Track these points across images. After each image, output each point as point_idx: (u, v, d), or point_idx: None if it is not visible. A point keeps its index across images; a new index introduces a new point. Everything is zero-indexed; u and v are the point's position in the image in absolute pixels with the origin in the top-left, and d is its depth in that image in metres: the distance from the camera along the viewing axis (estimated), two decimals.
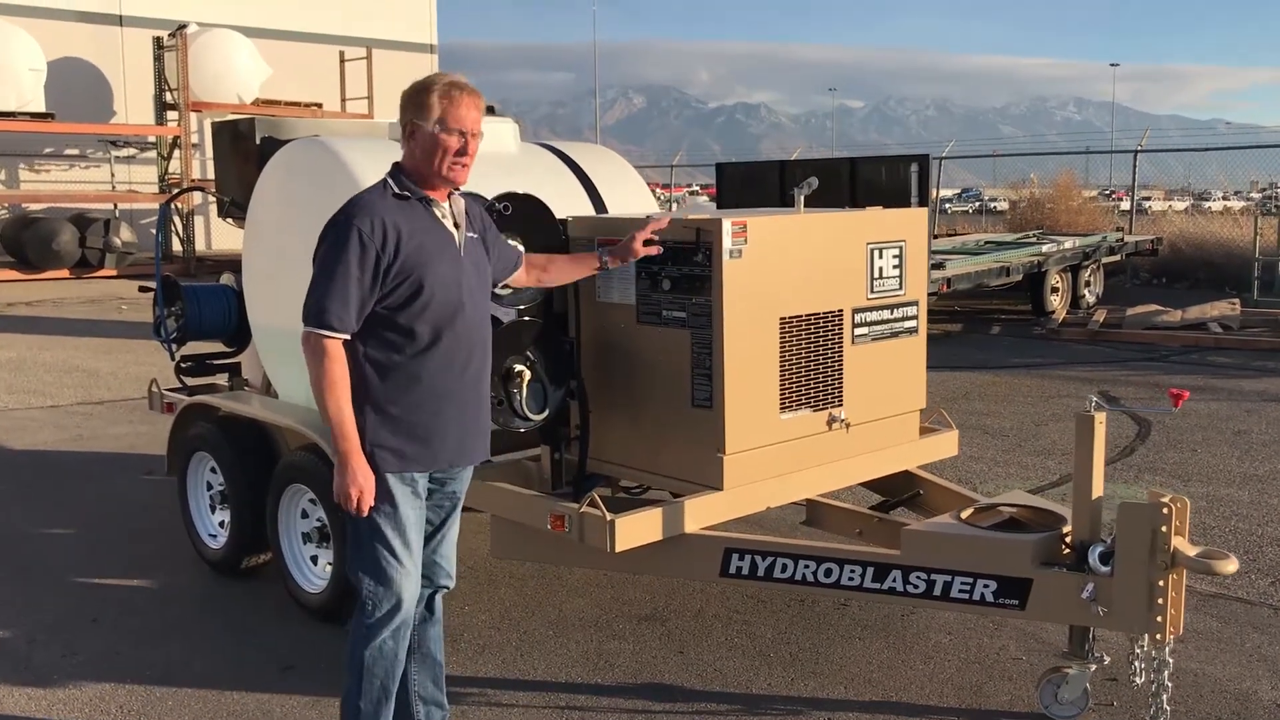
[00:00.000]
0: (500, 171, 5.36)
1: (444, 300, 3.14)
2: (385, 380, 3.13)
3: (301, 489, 4.81)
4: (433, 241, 3.16)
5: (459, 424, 3.23)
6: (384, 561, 3.19)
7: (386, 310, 3.11)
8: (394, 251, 3.06)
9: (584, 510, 3.84)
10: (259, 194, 5.49)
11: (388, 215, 3.10)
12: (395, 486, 3.17)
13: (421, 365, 3.14)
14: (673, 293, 4.09)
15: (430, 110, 3.12)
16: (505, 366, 4.05)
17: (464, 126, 3.14)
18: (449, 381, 3.19)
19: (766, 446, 4.13)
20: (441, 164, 3.15)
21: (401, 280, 3.07)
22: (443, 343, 3.15)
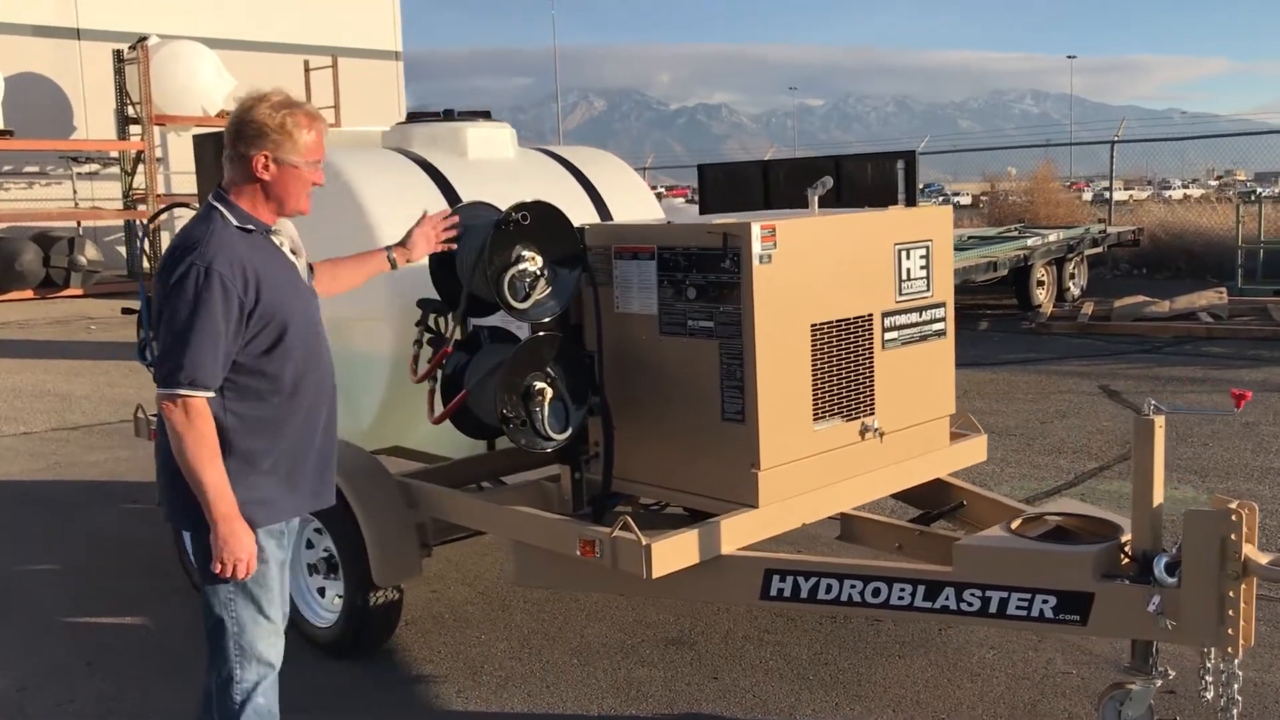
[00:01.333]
0: (500, 178, 5.16)
1: (303, 338, 2.98)
2: (251, 431, 2.91)
3: (307, 519, 4.57)
4: (284, 276, 2.97)
5: (320, 462, 3.10)
6: (251, 623, 2.99)
7: (249, 358, 2.89)
8: (255, 295, 2.85)
9: (616, 534, 3.63)
10: None
11: (242, 253, 2.86)
12: (265, 540, 2.97)
13: (289, 409, 2.97)
14: (699, 302, 3.89)
15: (289, 138, 2.92)
16: (525, 384, 3.84)
17: (320, 155, 3.03)
18: (313, 421, 3.04)
19: (801, 460, 3.94)
20: (300, 197, 3.00)
21: (264, 325, 2.87)
22: (306, 386, 2.99)
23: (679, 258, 3.94)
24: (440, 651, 4.54)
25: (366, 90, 25.32)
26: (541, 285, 3.83)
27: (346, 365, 4.87)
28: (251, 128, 2.89)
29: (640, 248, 4.06)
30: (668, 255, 3.97)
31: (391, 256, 3.70)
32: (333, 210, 4.74)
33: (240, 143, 2.91)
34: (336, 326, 4.87)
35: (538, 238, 3.84)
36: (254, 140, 2.89)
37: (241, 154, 2.91)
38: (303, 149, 2.93)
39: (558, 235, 3.88)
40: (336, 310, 4.85)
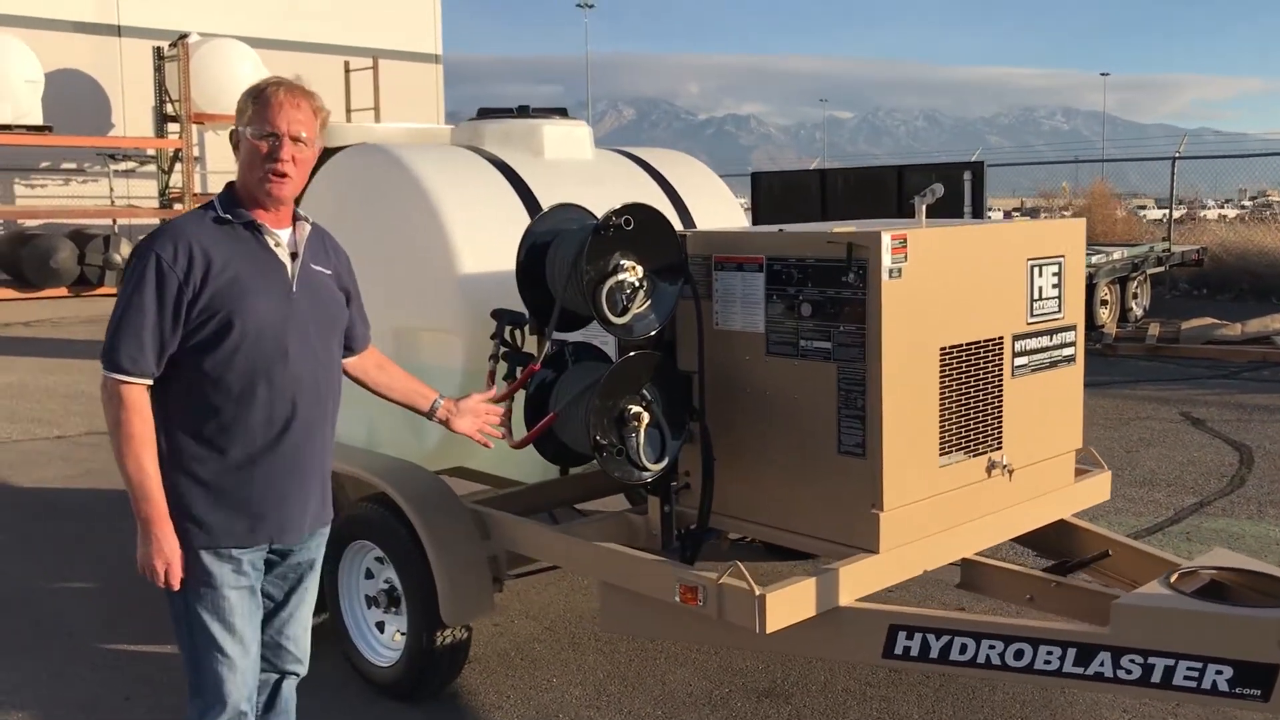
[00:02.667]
0: (578, 180, 4.77)
1: (260, 344, 2.69)
2: (192, 437, 2.69)
3: (366, 546, 4.18)
4: (253, 272, 2.70)
5: (278, 493, 2.77)
6: (202, 652, 2.74)
7: (191, 353, 2.66)
8: (199, 282, 2.62)
9: (725, 581, 3.21)
10: (306, 207, 4.87)
11: (198, 240, 2.66)
12: (211, 564, 2.71)
13: (234, 421, 2.69)
14: (814, 319, 3.48)
15: (243, 113, 2.70)
16: (620, 408, 3.43)
17: (276, 127, 2.66)
18: (266, 442, 2.72)
19: (925, 500, 3.52)
20: (253, 175, 2.70)
21: (208, 317, 2.64)
22: (258, 395, 2.70)
23: (792, 270, 3.53)
24: (509, 696, 4.13)
25: (406, 92, 25.07)
26: (640, 298, 3.43)
27: None
28: (237, 105, 2.74)
29: (746, 258, 3.66)
30: (779, 267, 3.56)
31: (437, 406, 3.32)
32: (403, 210, 4.37)
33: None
34: (401, 337, 4.51)
35: (638, 245, 3.43)
36: (236, 118, 2.74)
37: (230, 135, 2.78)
38: (248, 116, 2.67)
39: (660, 243, 3.48)
40: (402, 320, 4.48)
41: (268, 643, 2.93)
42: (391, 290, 4.44)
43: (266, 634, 2.92)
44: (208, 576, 2.70)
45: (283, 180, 2.69)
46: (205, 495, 2.68)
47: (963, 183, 11.19)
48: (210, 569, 2.70)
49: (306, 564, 2.96)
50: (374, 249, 4.50)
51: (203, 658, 2.74)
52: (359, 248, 4.59)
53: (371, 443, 4.64)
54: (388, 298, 4.45)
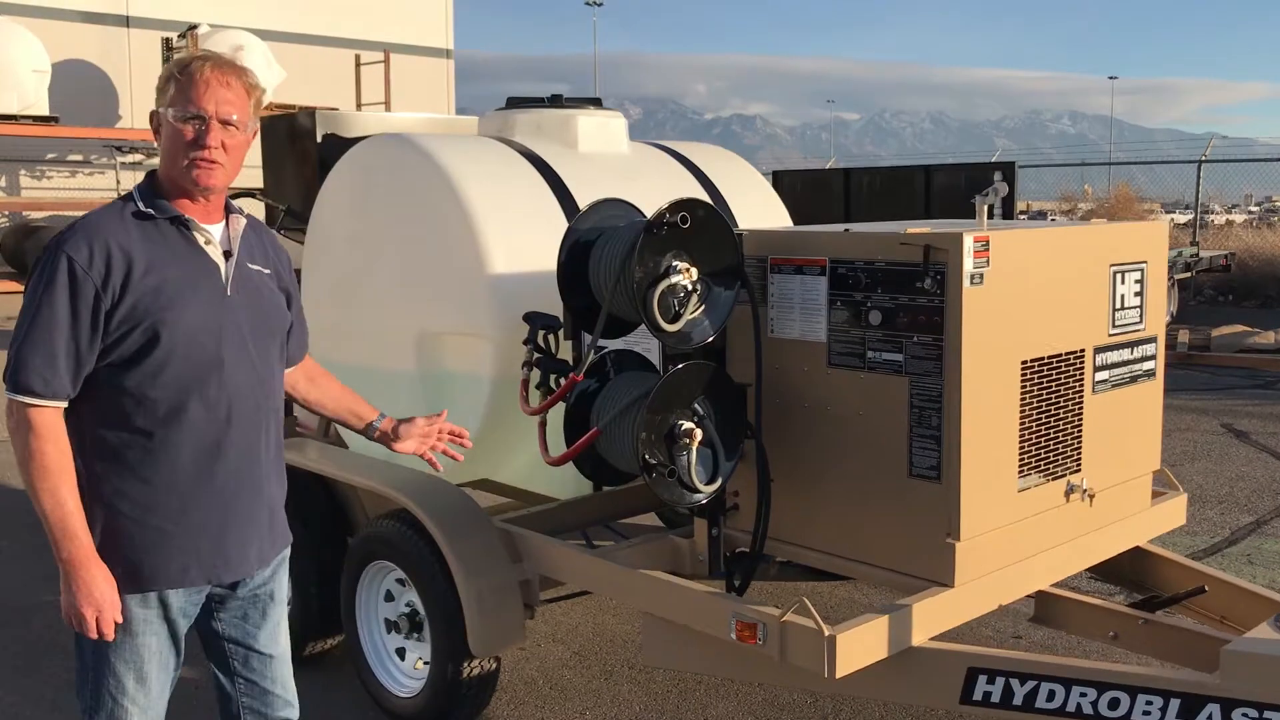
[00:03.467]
0: (614, 175, 4.47)
1: (191, 356, 2.36)
2: (114, 466, 2.35)
3: (386, 567, 3.88)
4: (181, 275, 2.36)
5: (216, 526, 2.43)
6: (108, 702, 2.43)
7: (112, 369, 2.32)
8: (120, 288, 2.29)
9: (789, 619, 2.90)
10: (324, 201, 4.58)
11: (116, 239, 2.31)
12: (134, 609, 2.39)
13: (162, 445, 2.35)
14: (884, 328, 3.17)
15: (163, 92, 2.37)
16: (669, 424, 3.12)
17: (203, 108, 2.32)
18: (200, 467, 2.39)
19: (1002, 528, 3.21)
20: (177, 163, 2.35)
21: (130, 328, 2.30)
22: (190, 415, 2.36)
23: (859, 274, 3.23)
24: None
25: (417, 87, 24.74)
26: (694, 302, 3.13)
27: (436, 387, 4.19)
28: (158, 85, 2.40)
29: (807, 260, 3.35)
30: (844, 270, 3.26)
31: (375, 426, 2.95)
32: (428, 205, 4.06)
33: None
34: (424, 343, 4.20)
35: (692, 245, 3.13)
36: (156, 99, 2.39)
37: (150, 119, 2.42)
38: (170, 96, 2.34)
39: (716, 243, 3.17)
40: (426, 324, 4.17)
41: (251, 691, 2.65)
42: (414, 292, 4.13)
43: (246, 681, 2.64)
44: (128, 623, 2.38)
45: (211, 168, 2.35)
46: (129, 532, 2.35)
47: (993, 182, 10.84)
48: (132, 614, 2.38)
49: (266, 596, 2.62)
50: (396, 247, 4.20)
51: (108, 708, 2.44)
52: (380, 246, 4.31)
53: (392, 456, 4.32)
54: (410, 300, 4.16)
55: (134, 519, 2.35)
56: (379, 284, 4.28)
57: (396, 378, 4.24)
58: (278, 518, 2.60)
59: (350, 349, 4.46)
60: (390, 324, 4.23)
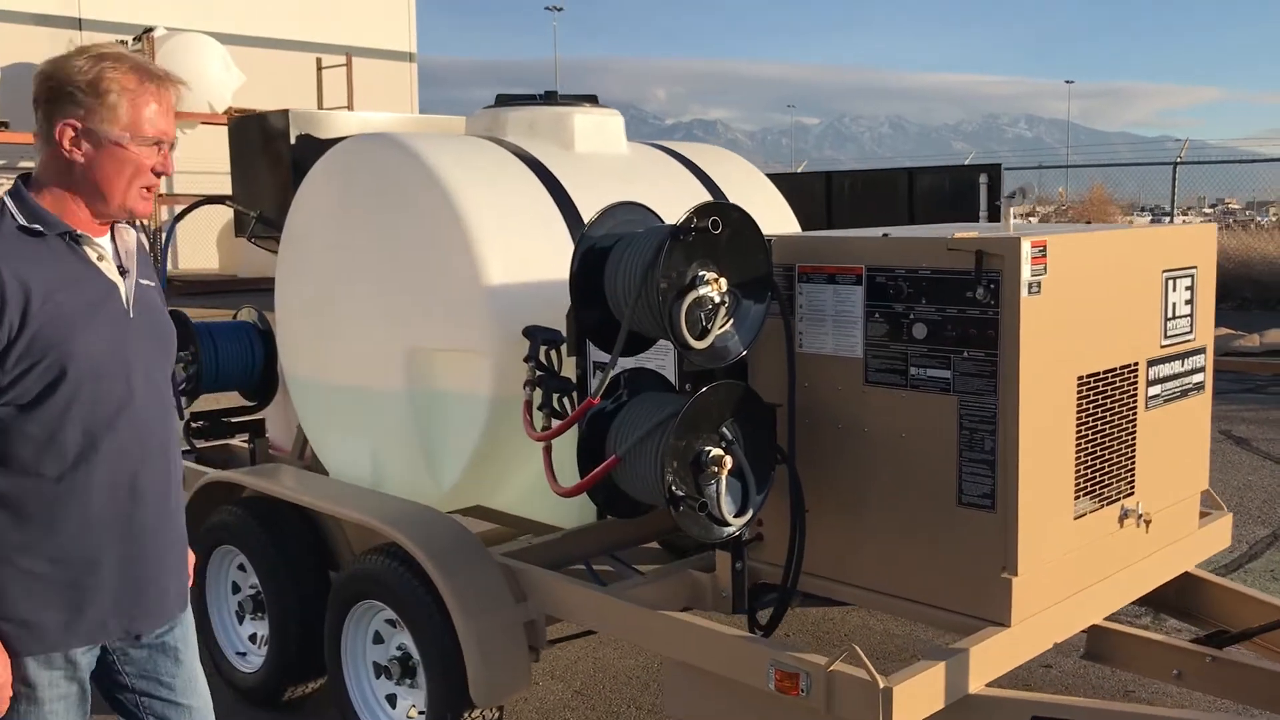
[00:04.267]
0: (613, 177, 4.17)
1: (100, 390, 2.14)
2: (14, 517, 2.11)
3: (375, 607, 3.54)
4: (80, 299, 2.13)
5: (134, 575, 2.22)
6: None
7: (10, 410, 2.08)
8: (18, 321, 2.04)
9: (837, 669, 2.60)
10: (300, 207, 4.24)
11: (10, 263, 2.06)
12: (36, 672, 2.15)
13: (70, 491, 2.13)
14: (930, 343, 2.89)
15: (114, 108, 2.12)
16: (695, 450, 2.82)
17: (165, 133, 2.19)
18: (117, 512, 2.18)
19: (1058, 559, 2.94)
20: (129, 190, 2.17)
21: (32, 364, 2.07)
22: (101, 453, 2.15)
23: (900, 283, 2.94)
24: None
25: (380, 91, 24.35)
26: (721, 316, 2.83)
27: (427, 408, 3.87)
28: (52, 85, 2.12)
29: (840, 268, 3.06)
30: (883, 279, 2.97)
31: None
32: (418, 211, 3.74)
33: (40, 107, 2.14)
34: (415, 360, 3.87)
35: (720, 253, 2.83)
36: (56, 103, 2.11)
37: (43, 124, 2.14)
38: (126, 119, 2.12)
39: (746, 250, 2.87)
40: (417, 340, 3.85)
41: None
42: (404, 305, 3.81)
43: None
44: (32, 688, 2.13)
45: (153, 194, 2.23)
46: (33, 590, 2.11)
47: (978, 185, 10.70)
48: (35, 678, 2.14)
49: (175, 643, 2.35)
50: (382, 256, 3.88)
51: None
52: (364, 255, 3.97)
53: (376, 480, 4.00)
54: (399, 314, 3.83)
55: (39, 576, 2.11)
56: (363, 296, 3.95)
57: (384, 398, 3.90)
58: (181, 565, 2.36)
59: (331, 367, 4.12)
60: (376, 340, 3.90)
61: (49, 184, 2.15)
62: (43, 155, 2.16)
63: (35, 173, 2.18)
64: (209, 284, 19.72)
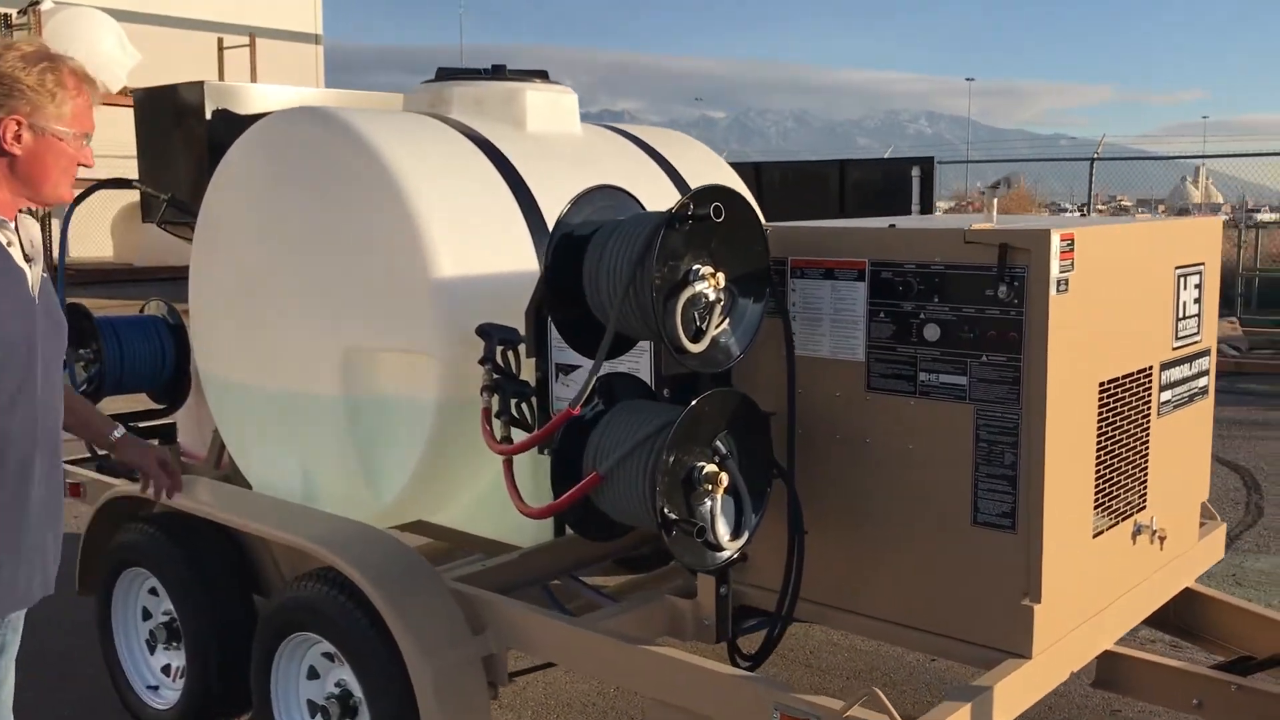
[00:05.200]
0: (568, 160, 3.83)
1: (10, 377, 2.25)
2: None
3: (310, 639, 3.15)
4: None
5: (25, 548, 2.33)
6: None
7: None
8: None
9: (854, 714, 2.31)
10: (219, 190, 3.81)
11: None
12: None
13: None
14: (943, 345, 2.61)
15: (61, 106, 2.29)
16: (687, 467, 2.50)
17: (90, 130, 2.38)
18: (12, 496, 2.29)
19: (1079, 581, 2.69)
20: (63, 178, 2.35)
21: None
22: (16, 427, 2.27)
23: (909, 278, 2.66)
24: None
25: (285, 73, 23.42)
26: (717, 315, 2.51)
27: (367, 415, 3.48)
28: (4, 82, 2.24)
29: (840, 262, 2.77)
30: (889, 274, 2.69)
31: (113, 439, 2.91)
32: (356, 195, 3.35)
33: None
34: (353, 362, 3.48)
35: (715, 245, 2.51)
36: (5, 98, 2.24)
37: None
38: (69, 116, 2.30)
39: (744, 242, 2.56)
40: (355, 339, 3.45)
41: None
42: (340, 299, 3.41)
43: None
44: None
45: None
46: None
47: (910, 178, 10.55)
48: None
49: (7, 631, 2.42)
50: (316, 246, 3.48)
51: None
52: (293, 244, 3.55)
53: (307, 494, 3.60)
54: (334, 309, 3.43)
55: None
56: (292, 290, 3.54)
57: (316, 403, 3.50)
58: (57, 549, 2.47)
59: (255, 368, 3.70)
60: (308, 339, 3.50)
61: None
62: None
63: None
64: (104, 273, 18.78)
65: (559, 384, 3.27)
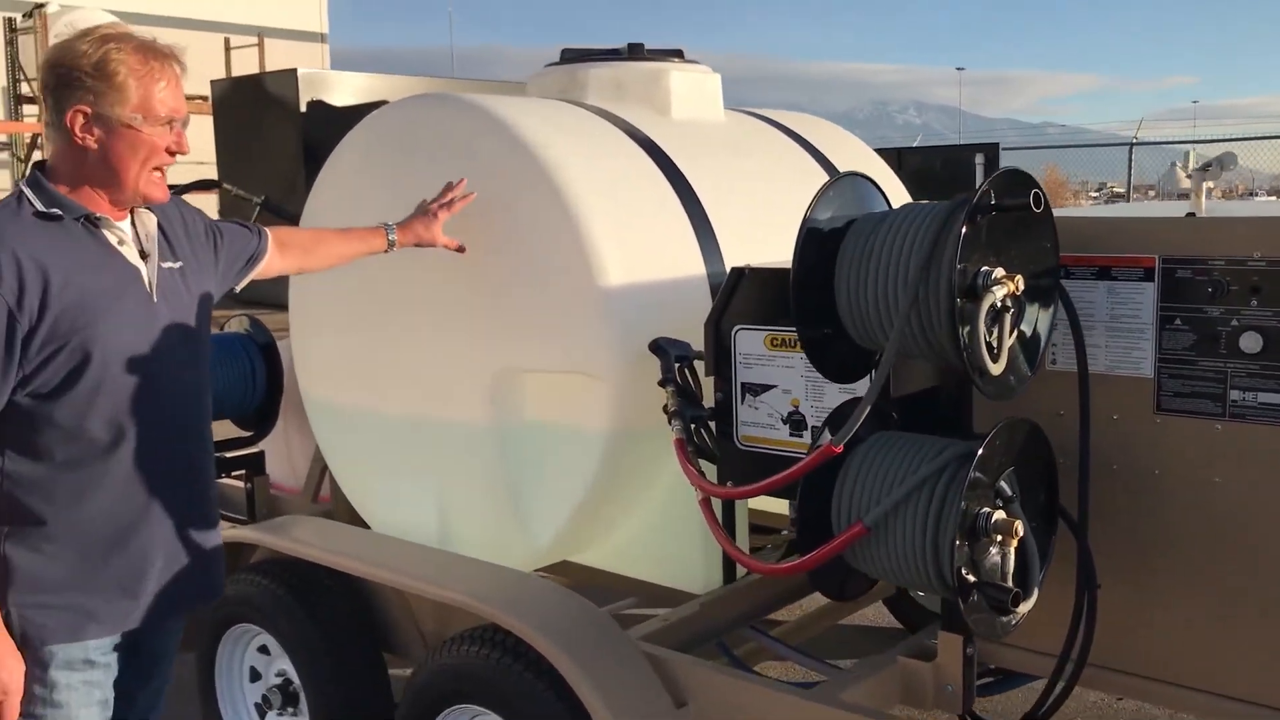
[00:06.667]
0: (721, 149, 3.40)
1: (126, 377, 2.15)
2: (41, 507, 2.13)
3: (475, 712, 2.70)
4: (103, 284, 2.14)
5: (163, 558, 2.26)
6: None
7: (34, 399, 2.09)
8: (38, 306, 2.04)
9: None
10: (327, 191, 3.35)
11: (25, 247, 2.05)
12: (58, 673, 2.16)
13: (96, 479, 2.15)
14: (1266, 358, 2.16)
15: (123, 90, 2.09)
16: (972, 514, 2.04)
17: (176, 111, 2.17)
18: (144, 496, 2.22)
19: None
20: (143, 172, 2.16)
21: (55, 350, 2.08)
22: (129, 441, 2.17)
23: (1218, 278, 2.21)
24: None
25: None
26: (1008, 328, 2.06)
27: (521, 446, 3.02)
28: (60, 72, 2.10)
29: (1119, 259, 2.33)
30: (1188, 273, 2.24)
31: (392, 238, 2.83)
32: (506, 195, 2.90)
33: (50, 95, 2.12)
34: (504, 386, 3.02)
35: (1005, 244, 2.06)
36: (65, 90, 2.09)
37: (54, 112, 2.13)
38: (135, 99, 2.10)
39: (1037, 236, 2.11)
40: (506, 360, 2.99)
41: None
42: (488, 314, 2.96)
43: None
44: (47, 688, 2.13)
45: (164, 180, 2.21)
46: (54, 577, 2.12)
47: (973, 166, 10.12)
48: (54, 677, 2.14)
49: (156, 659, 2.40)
50: (454, 255, 3.02)
51: None
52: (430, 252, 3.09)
53: (443, 535, 3.15)
54: (481, 325, 2.98)
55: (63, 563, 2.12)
56: (426, 303, 3.08)
57: (458, 433, 3.05)
58: (215, 552, 2.39)
59: (377, 392, 3.25)
60: (447, 358, 3.04)
61: (65, 172, 2.13)
62: (56, 144, 2.12)
63: (50, 161, 2.14)
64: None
65: (745, 406, 2.81)
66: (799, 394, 2.66)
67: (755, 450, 2.73)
